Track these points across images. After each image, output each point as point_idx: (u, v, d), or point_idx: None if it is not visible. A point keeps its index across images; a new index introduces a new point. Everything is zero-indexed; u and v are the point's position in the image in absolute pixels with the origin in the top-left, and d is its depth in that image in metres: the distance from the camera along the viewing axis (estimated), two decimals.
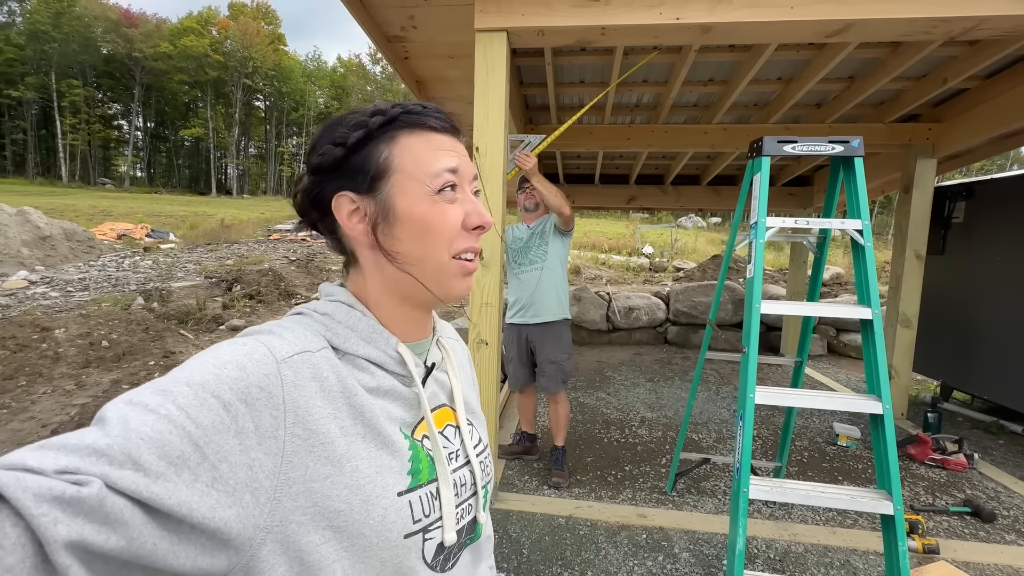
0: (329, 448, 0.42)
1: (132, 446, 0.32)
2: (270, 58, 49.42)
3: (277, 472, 0.39)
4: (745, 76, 3.03)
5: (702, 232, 20.65)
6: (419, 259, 0.50)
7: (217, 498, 0.35)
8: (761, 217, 1.70)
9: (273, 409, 0.40)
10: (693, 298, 6.30)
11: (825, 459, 3.05)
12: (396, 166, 0.49)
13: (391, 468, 0.47)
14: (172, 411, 0.35)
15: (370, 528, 0.43)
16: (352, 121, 0.50)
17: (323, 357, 0.45)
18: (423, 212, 0.49)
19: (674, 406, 3.97)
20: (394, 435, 0.48)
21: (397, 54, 2.85)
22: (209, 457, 0.35)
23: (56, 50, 40.41)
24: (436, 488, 0.51)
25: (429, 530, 0.49)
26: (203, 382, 0.37)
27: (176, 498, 0.33)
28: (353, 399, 0.46)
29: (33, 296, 7.02)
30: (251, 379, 0.39)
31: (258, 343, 0.42)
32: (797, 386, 2.17)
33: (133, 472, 0.32)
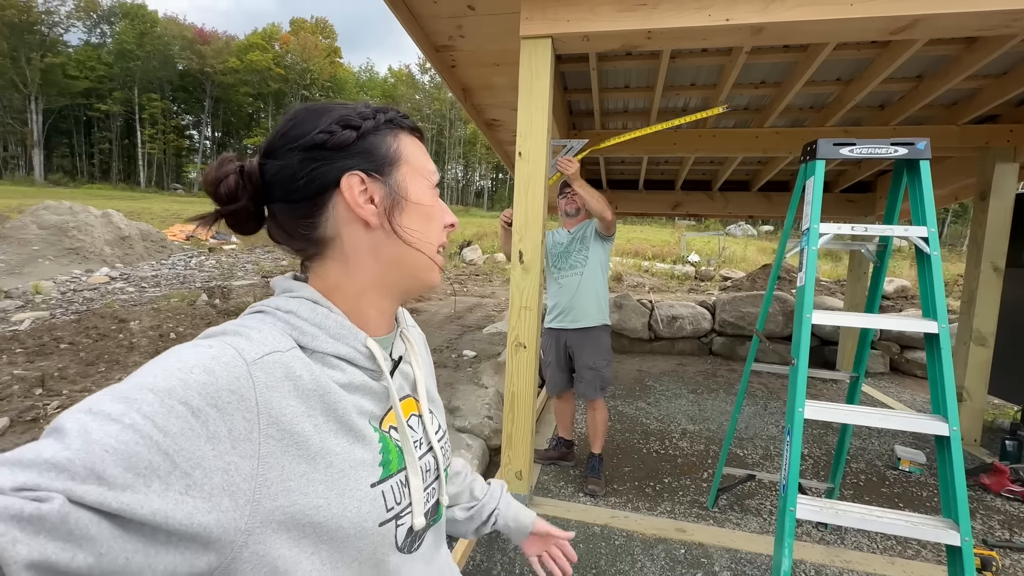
0: (304, 446, 0.43)
1: (95, 459, 0.31)
2: (326, 70, 52.06)
3: (255, 474, 0.39)
4: (800, 77, 2.91)
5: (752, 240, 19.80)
6: (418, 243, 0.54)
7: (194, 504, 0.35)
8: (814, 223, 1.62)
9: (246, 412, 0.39)
10: (740, 308, 6.05)
11: (884, 484, 2.85)
12: (404, 157, 0.54)
13: (364, 461, 0.48)
14: (137, 420, 0.33)
15: (347, 520, 0.45)
16: (354, 110, 0.52)
17: (293, 356, 0.45)
18: (430, 200, 0.56)
19: (717, 419, 3.82)
20: (365, 429, 0.49)
21: (444, 63, 2.94)
22: (180, 465, 0.34)
23: (139, 67, 44.40)
24: (405, 476, 0.53)
25: (401, 516, 0.51)
26: (169, 388, 0.36)
27: (148, 508, 0.32)
28: (327, 396, 0.46)
29: (113, 291, 7.69)
30: (221, 383, 0.38)
31: (225, 345, 0.41)
32: (853, 403, 2.05)
33: (97, 485, 0.31)
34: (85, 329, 4.57)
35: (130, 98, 45.22)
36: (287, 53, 50.69)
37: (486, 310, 7.94)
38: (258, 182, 0.51)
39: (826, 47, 2.55)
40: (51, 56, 42.17)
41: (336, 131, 0.50)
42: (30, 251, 9.04)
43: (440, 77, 3.08)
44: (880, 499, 2.66)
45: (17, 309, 6.14)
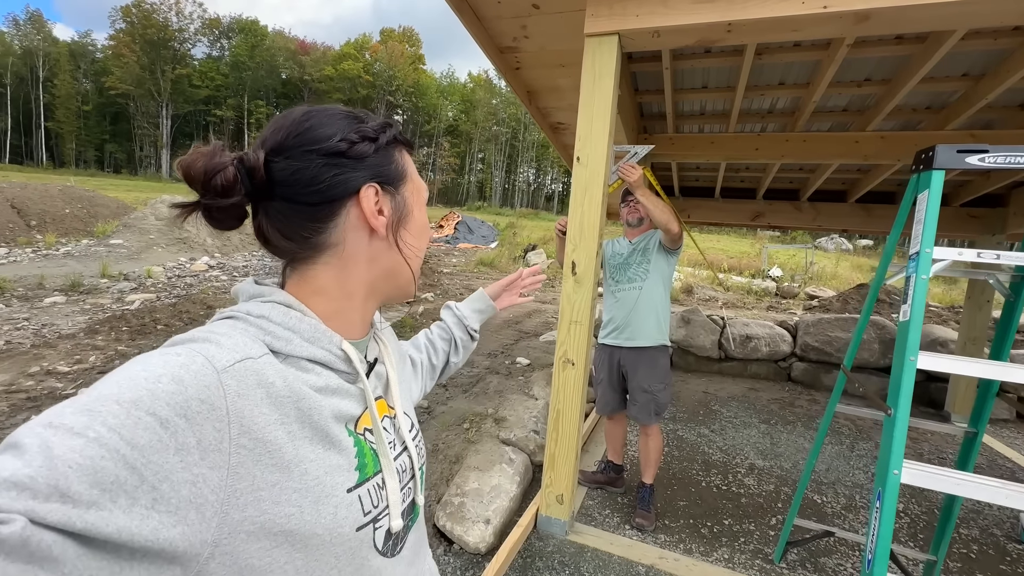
0: (276, 455, 0.42)
1: (58, 475, 0.29)
2: (410, 77, 54.68)
3: (223, 485, 0.38)
4: (915, 73, 2.50)
5: (846, 256, 17.90)
6: (413, 256, 0.58)
7: (159, 519, 0.33)
8: (926, 246, 1.34)
9: (216, 422, 0.38)
10: (828, 332, 5.42)
11: (1005, 560, 2.36)
12: (408, 173, 0.57)
13: (339, 467, 0.47)
14: (102, 433, 0.32)
15: (322, 527, 0.44)
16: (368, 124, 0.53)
17: (266, 363, 0.44)
18: (424, 219, 0.60)
19: (793, 457, 3.41)
20: (340, 434, 0.49)
21: (509, 65, 2.87)
22: (148, 479, 0.33)
23: (249, 76, 49.52)
24: (382, 479, 0.53)
25: (378, 519, 0.51)
26: (135, 399, 0.34)
27: (114, 525, 0.31)
28: (301, 403, 0.45)
29: (209, 278, 8.52)
30: (190, 392, 0.37)
31: (195, 352, 0.40)
32: (968, 465, 1.69)
33: (61, 504, 0.29)
34: (179, 313, 5.06)
35: (241, 104, 50.53)
36: (375, 61, 53.91)
37: (545, 316, 7.81)
38: (261, 179, 0.49)
39: (952, 36, 2.16)
40: (180, 68, 48.24)
41: (356, 141, 0.51)
42: (148, 239, 10.27)
43: (504, 80, 3.02)
44: None
45: (132, 291, 6.96)
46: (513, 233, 19.06)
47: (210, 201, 0.47)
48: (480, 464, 2.56)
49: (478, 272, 12.59)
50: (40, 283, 6.69)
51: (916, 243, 1.38)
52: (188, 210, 0.48)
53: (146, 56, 46.47)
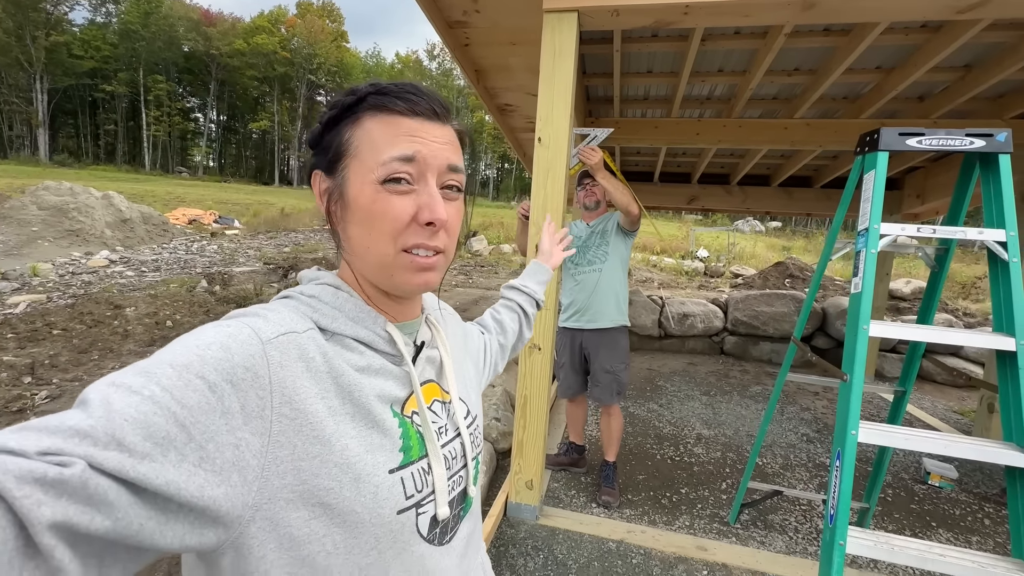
0: (317, 427, 0.42)
1: (116, 427, 0.31)
2: (333, 55, 51.43)
3: (264, 451, 0.39)
4: (839, 64, 2.69)
5: (760, 237, 19.50)
6: (364, 249, 0.50)
7: (205, 477, 0.35)
8: (874, 223, 1.44)
9: (259, 389, 0.39)
10: (755, 307, 5.87)
11: (914, 500, 2.69)
12: (352, 150, 0.48)
13: (382, 446, 0.47)
14: (156, 392, 0.34)
15: (361, 505, 0.44)
16: (331, 101, 0.50)
17: (309, 338, 0.45)
18: (367, 200, 0.48)
19: (733, 424, 3.66)
20: (383, 414, 0.48)
21: (458, 41, 2.74)
22: (196, 437, 0.35)
23: (144, 48, 43.94)
24: (428, 463, 0.51)
25: (422, 505, 0.50)
26: (187, 363, 0.36)
27: (164, 477, 0.32)
28: (340, 379, 0.45)
29: (111, 274, 7.56)
30: (236, 359, 0.39)
31: (243, 324, 0.42)
32: (896, 420, 1.88)
33: (118, 453, 0.31)
34: (80, 315, 4.43)
35: (135, 79, 44.85)
36: (293, 37, 50.05)
37: (492, 303, 7.76)
38: None
39: (874, 29, 2.34)
40: (56, 35, 41.78)
41: (313, 130, 0.50)
42: (30, 232, 8.92)
43: (452, 57, 2.88)
44: (911, 518, 2.50)
45: (13, 292, 6.01)
46: None
47: None
48: None
49: None
50: None
51: (864, 220, 1.48)
52: None
53: (10, 19, 39.69)
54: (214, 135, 53.92)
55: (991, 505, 2.67)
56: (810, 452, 3.23)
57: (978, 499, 2.73)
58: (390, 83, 0.49)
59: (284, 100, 51.42)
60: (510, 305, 0.94)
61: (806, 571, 1.99)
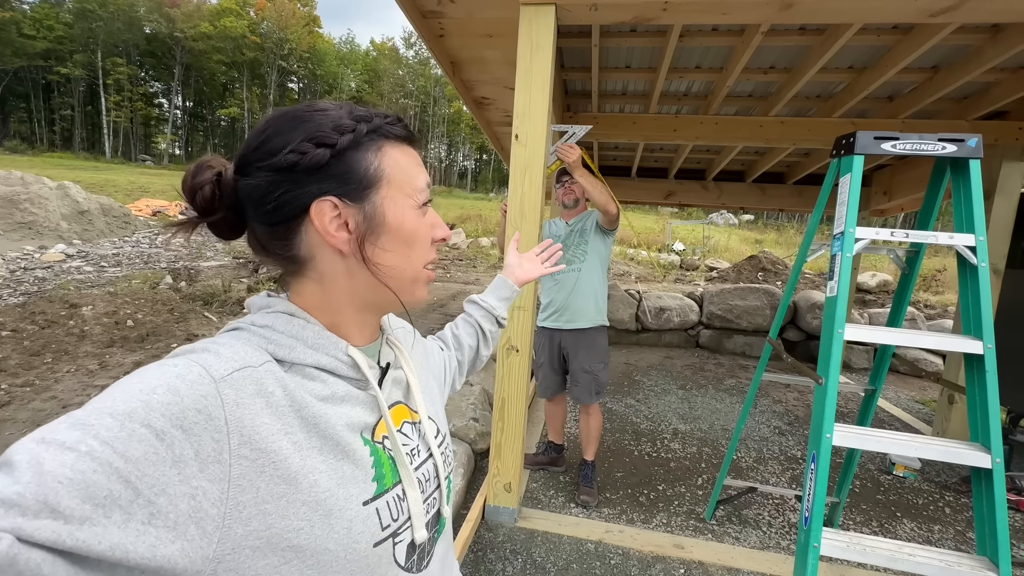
0: (281, 466, 0.40)
1: (48, 491, 0.29)
2: (305, 40, 49.85)
3: (224, 498, 0.37)
4: (814, 64, 2.71)
5: (734, 230, 19.91)
6: (400, 269, 0.51)
7: (156, 535, 0.32)
8: (850, 227, 1.45)
9: (215, 432, 0.37)
10: (729, 301, 5.97)
11: (880, 490, 2.78)
12: (387, 176, 0.49)
13: (354, 478, 0.45)
14: (95, 447, 0.31)
15: (335, 542, 0.42)
16: (327, 124, 0.46)
17: (267, 371, 0.42)
18: (412, 225, 0.51)
19: (708, 418, 3.72)
20: (353, 443, 0.47)
21: (432, 31, 2.65)
22: (143, 492, 0.32)
23: (102, 28, 41.72)
24: (402, 490, 0.50)
25: (399, 533, 0.48)
26: (129, 411, 0.34)
27: (107, 542, 0.30)
28: (304, 411, 0.43)
29: (68, 270, 7.18)
30: (186, 402, 0.36)
31: (191, 363, 0.39)
32: (867, 419, 1.92)
33: (51, 520, 0.28)
34: (31, 315, 4.18)
35: (93, 62, 42.57)
36: (263, 20, 48.27)
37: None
38: (232, 197, 0.47)
39: (848, 30, 2.35)
40: (3, 12, 39.21)
41: (308, 151, 0.45)
42: None
43: (427, 48, 2.79)
44: (877, 508, 2.58)
45: None
46: None
47: (199, 218, 0.47)
48: None
49: None
50: None
51: (840, 223, 1.49)
52: (189, 227, 0.48)
53: None
54: (180, 122, 51.75)
55: (951, 494, 2.78)
56: (782, 445, 3.30)
57: (939, 488, 2.84)
58: (389, 113, 0.51)
59: (254, 86, 49.65)
60: (469, 320, 0.90)
61: (779, 566, 2.02)
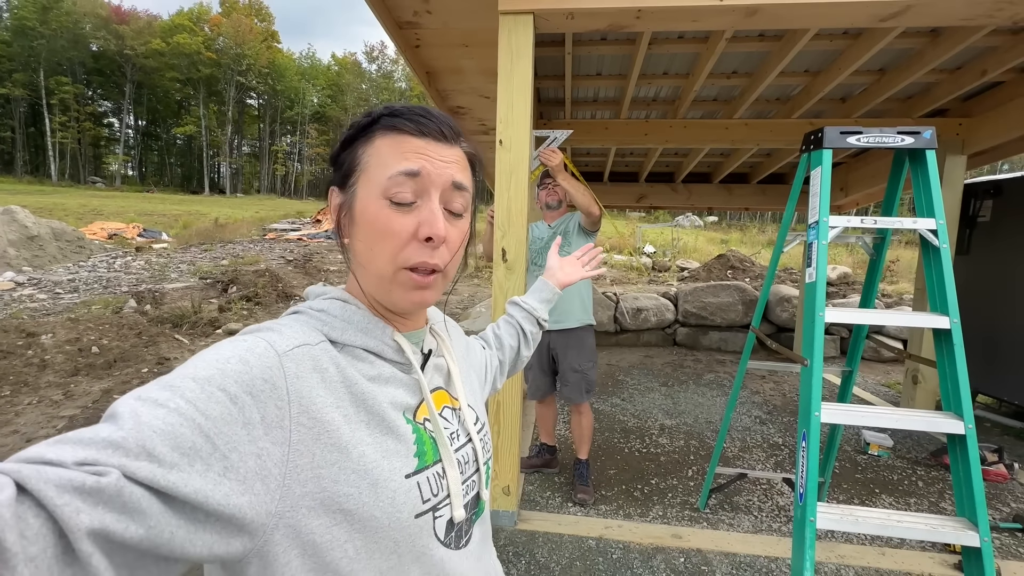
0: (335, 435, 0.43)
1: (146, 438, 0.32)
2: (263, 56, 48.90)
3: (285, 460, 0.40)
4: (774, 68, 2.88)
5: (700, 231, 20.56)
6: (366, 263, 0.51)
7: (230, 486, 0.36)
8: (824, 216, 1.54)
9: (278, 400, 0.40)
10: (702, 299, 6.16)
11: (858, 469, 2.91)
12: (363, 165, 0.50)
13: (397, 452, 0.48)
14: (181, 405, 0.35)
15: (380, 510, 0.44)
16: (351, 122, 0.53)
17: (322, 350, 0.46)
18: (372, 215, 0.49)
19: (692, 412, 3.82)
20: (397, 420, 0.49)
21: (408, 42, 2.67)
22: (220, 447, 0.36)
23: (44, 46, 39.76)
24: (442, 468, 0.52)
25: (438, 508, 0.51)
26: (208, 377, 0.38)
27: (191, 486, 0.33)
28: (354, 388, 0.47)
29: (20, 298, 6.77)
30: (255, 372, 0.40)
31: (258, 339, 0.43)
32: (846, 399, 2.02)
33: (148, 463, 0.32)
34: None
35: (35, 81, 40.45)
36: (219, 36, 47.12)
37: (450, 308, 7.68)
38: None
39: (804, 36, 2.51)
40: None
41: (333, 147, 0.53)
42: None
43: (403, 58, 2.81)
44: (857, 486, 2.71)
45: None
46: None
47: None
48: None
49: None
50: None
51: (814, 213, 1.58)
52: None
53: None
54: (132, 141, 49.71)
55: (922, 468, 2.94)
56: (764, 433, 3.42)
57: (911, 464, 2.99)
58: (403, 106, 0.51)
59: (211, 103, 48.28)
60: (510, 321, 0.92)
61: (774, 547, 2.09)
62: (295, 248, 13.56)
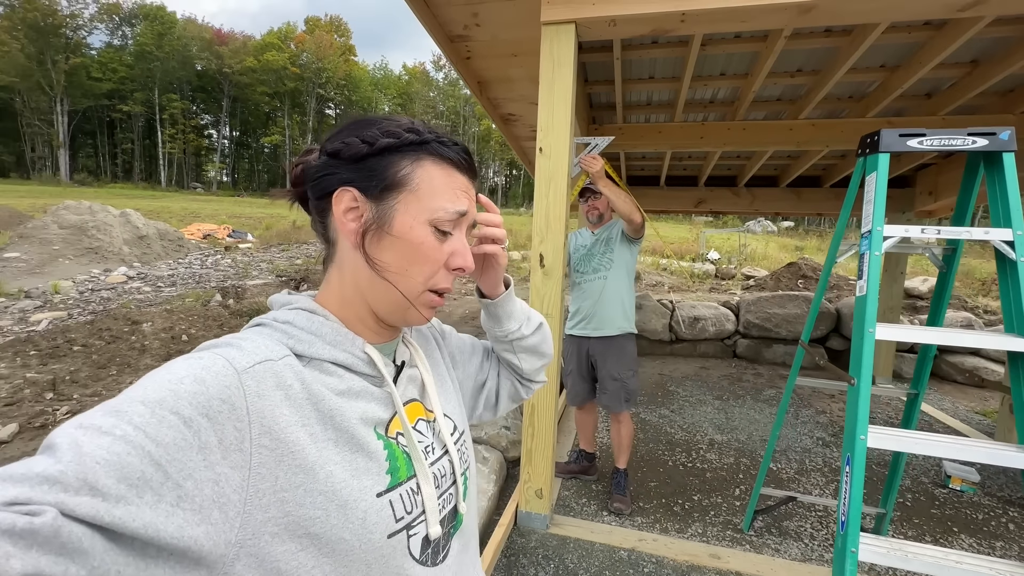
0: (299, 456, 0.42)
1: (87, 470, 0.30)
2: (341, 68, 52.36)
3: (245, 485, 0.38)
4: (843, 64, 2.68)
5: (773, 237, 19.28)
6: (397, 279, 0.51)
7: (184, 517, 0.34)
8: (877, 225, 1.43)
9: (237, 421, 0.39)
10: (767, 309, 5.80)
11: (935, 504, 2.63)
12: (412, 186, 0.50)
13: (367, 470, 0.46)
14: (129, 431, 0.33)
15: (350, 532, 0.43)
16: (385, 127, 0.51)
17: (286, 365, 0.45)
18: (419, 237, 0.50)
19: (746, 429, 3.62)
20: (367, 437, 0.48)
21: (459, 54, 2.78)
22: (172, 476, 0.34)
23: (159, 68, 45.21)
24: (416, 484, 0.51)
25: (413, 526, 0.49)
26: (159, 399, 0.35)
27: (140, 520, 0.31)
28: (321, 404, 0.45)
29: (129, 290, 7.73)
30: (211, 392, 0.38)
31: (215, 356, 0.41)
32: (911, 424, 1.85)
33: (91, 497, 0.30)
34: (98, 331, 4.54)
35: (151, 99, 46.08)
36: (302, 52, 51.09)
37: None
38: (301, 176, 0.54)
39: (875, 29, 2.32)
40: (75, 58, 43.17)
41: (353, 143, 0.50)
42: (51, 251, 9.17)
43: (455, 70, 2.93)
44: (932, 524, 2.45)
45: (36, 309, 6.18)
46: None
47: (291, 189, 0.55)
48: None
49: None
50: None
51: (868, 222, 1.47)
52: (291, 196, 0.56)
53: (32, 44, 41.08)
54: (227, 150, 55.03)
55: (1015, 509, 2.60)
56: (826, 456, 3.17)
57: (1002, 503, 2.66)
58: (444, 135, 0.53)
59: (295, 114, 52.38)
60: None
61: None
62: None
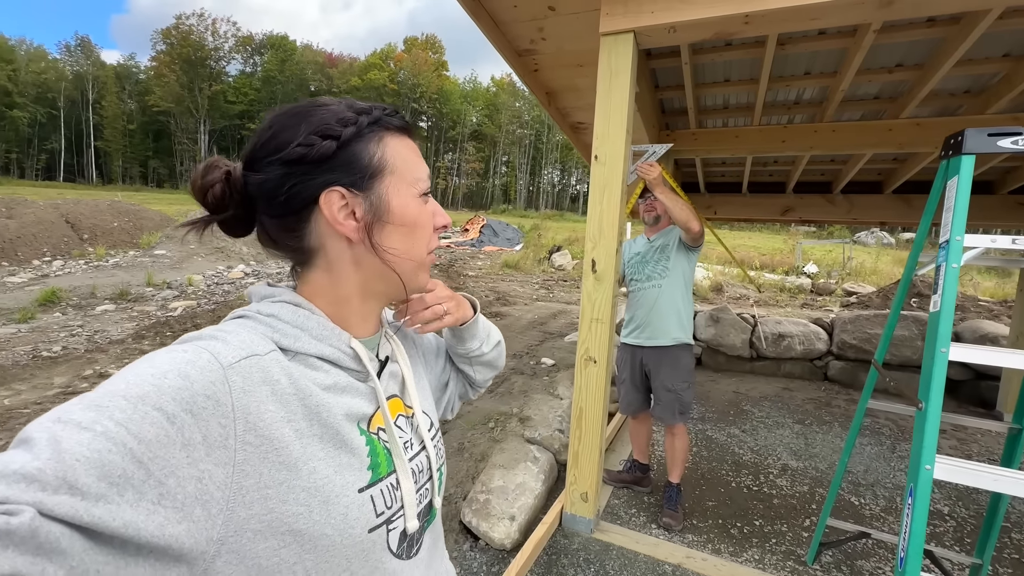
0: (284, 453, 0.41)
1: (66, 468, 0.30)
2: (434, 83, 55.62)
3: (229, 482, 0.38)
4: (950, 57, 2.39)
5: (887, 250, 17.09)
6: (406, 256, 0.53)
7: (165, 515, 0.33)
8: (956, 234, 1.30)
9: (222, 418, 0.38)
10: (866, 329, 5.21)
11: None
12: (391, 167, 0.51)
13: (350, 466, 0.47)
14: (110, 427, 0.32)
15: (332, 527, 0.43)
16: (332, 117, 0.49)
17: (273, 360, 0.44)
18: (414, 213, 0.53)
19: (829, 458, 3.30)
20: (351, 433, 0.48)
21: (527, 67, 2.90)
22: (154, 473, 0.33)
23: (280, 90, 51.36)
24: (396, 479, 0.51)
25: (392, 520, 0.50)
26: (142, 394, 0.35)
27: (121, 519, 0.31)
28: (308, 400, 0.45)
29: (245, 285, 8.87)
30: (196, 387, 0.37)
31: (201, 349, 0.40)
32: (1013, 463, 1.61)
33: (70, 496, 0.29)
34: (218, 318, 5.29)
35: None
36: (400, 70, 55.08)
37: (570, 317, 7.78)
38: (241, 193, 0.50)
39: (987, 16, 2.06)
40: (216, 85, 50.53)
41: (315, 143, 0.47)
42: (188, 249, 10.78)
43: (523, 82, 3.05)
44: None
45: (174, 298, 7.33)
46: (538, 235, 19.07)
47: (211, 216, 0.50)
48: (505, 462, 2.59)
49: (503, 274, 12.66)
50: (92, 292, 7.13)
51: (946, 231, 1.34)
52: (201, 225, 0.50)
53: (185, 75, 48.95)
54: None
55: None
56: None
57: None
58: (378, 105, 0.53)
59: None
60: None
61: None
62: (442, 254, 15.09)
